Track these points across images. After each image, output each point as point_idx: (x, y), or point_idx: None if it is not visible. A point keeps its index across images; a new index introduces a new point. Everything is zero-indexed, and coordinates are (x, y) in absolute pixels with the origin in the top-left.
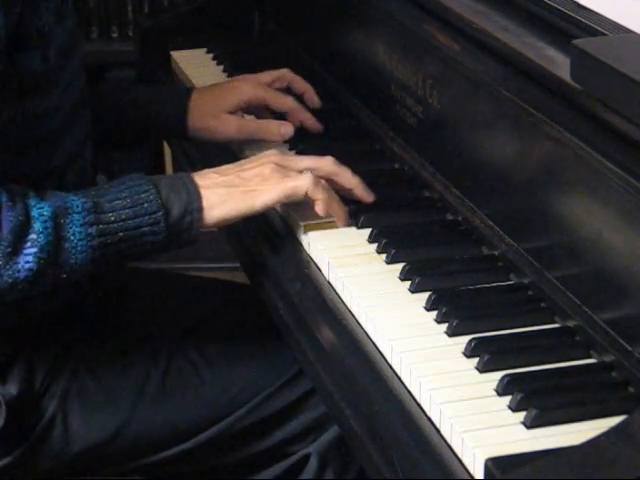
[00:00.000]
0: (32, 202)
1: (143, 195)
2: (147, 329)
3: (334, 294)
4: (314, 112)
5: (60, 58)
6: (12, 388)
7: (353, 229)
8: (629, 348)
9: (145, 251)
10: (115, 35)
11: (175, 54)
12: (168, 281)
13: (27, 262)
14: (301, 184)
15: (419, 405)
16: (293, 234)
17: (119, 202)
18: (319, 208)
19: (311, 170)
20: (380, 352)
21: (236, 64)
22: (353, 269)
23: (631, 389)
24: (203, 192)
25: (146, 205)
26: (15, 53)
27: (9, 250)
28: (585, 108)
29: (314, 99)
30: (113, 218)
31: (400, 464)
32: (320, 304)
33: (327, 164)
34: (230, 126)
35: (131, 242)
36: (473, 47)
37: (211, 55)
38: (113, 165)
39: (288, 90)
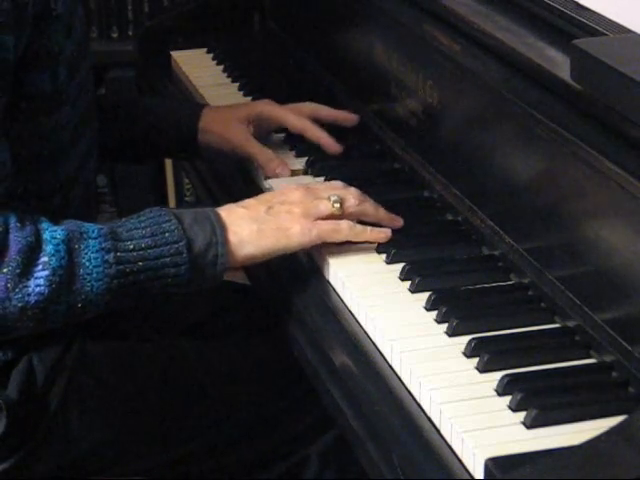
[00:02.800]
0: (44, 225)
1: (164, 225)
2: (147, 329)
3: (334, 294)
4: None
5: (68, 72)
6: (12, 392)
7: None
8: (629, 348)
9: (167, 285)
10: (115, 35)
11: (175, 54)
12: None
13: (38, 285)
14: (340, 229)
15: (419, 405)
16: None
17: (138, 231)
18: (373, 239)
19: (338, 196)
20: (380, 352)
21: (236, 64)
22: (353, 269)
23: (631, 389)
24: (231, 228)
25: (167, 235)
26: (24, 74)
27: (18, 272)
28: (585, 108)
29: (348, 118)
30: (132, 246)
31: (400, 464)
32: (320, 304)
33: (351, 203)
34: (237, 136)
35: (151, 273)
36: (473, 47)
37: (211, 55)
38: (113, 166)
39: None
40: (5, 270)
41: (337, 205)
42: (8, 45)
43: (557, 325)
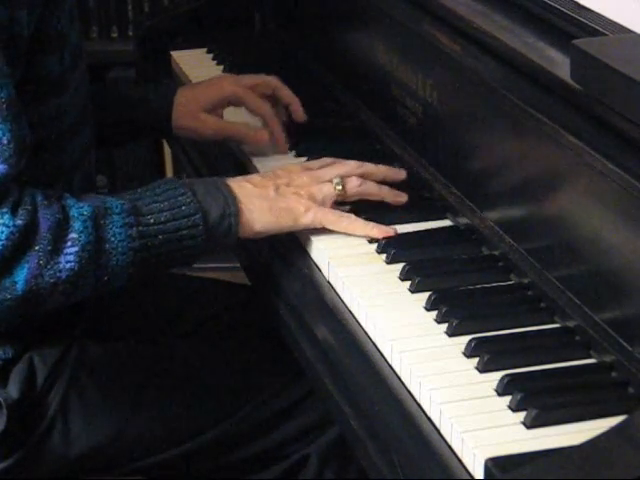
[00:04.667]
0: (70, 202)
1: (180, 198)
2: (147, 329)
3: (334, 294)
4: (309, 111)
5: (73, 59)
6: (13, 391)
7: None
8: (629, 348)
9: (183, 256)
10: (115, 35)
11: (175, 54)
12: (168, 281)
13: (68, 262)
14: (341, 220)
15: (419, 405)
16: (293, 234)
17: (157, 205)
18: (372, 235)
19: (340, 178)
20: (380, 352)
21: (236, 64)
22: (353, 269)
23: (631, 389)
24: (244, 202)
25: (184, 208)
26: (35, 56)
27: (49, 249)
28: (585, 108)
29: (299, 112)
30: (152, 220)
31: (400, 464)
32: (320, 304)
33: (353, 184)
34: (208, 127)
35: (171, 245)
36: (473, 47)
37: (211, 55)
38: (113, 166)
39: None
40: (37, 248)
41: (339, 187)
42: (22, 20)
43: (557, 325)
